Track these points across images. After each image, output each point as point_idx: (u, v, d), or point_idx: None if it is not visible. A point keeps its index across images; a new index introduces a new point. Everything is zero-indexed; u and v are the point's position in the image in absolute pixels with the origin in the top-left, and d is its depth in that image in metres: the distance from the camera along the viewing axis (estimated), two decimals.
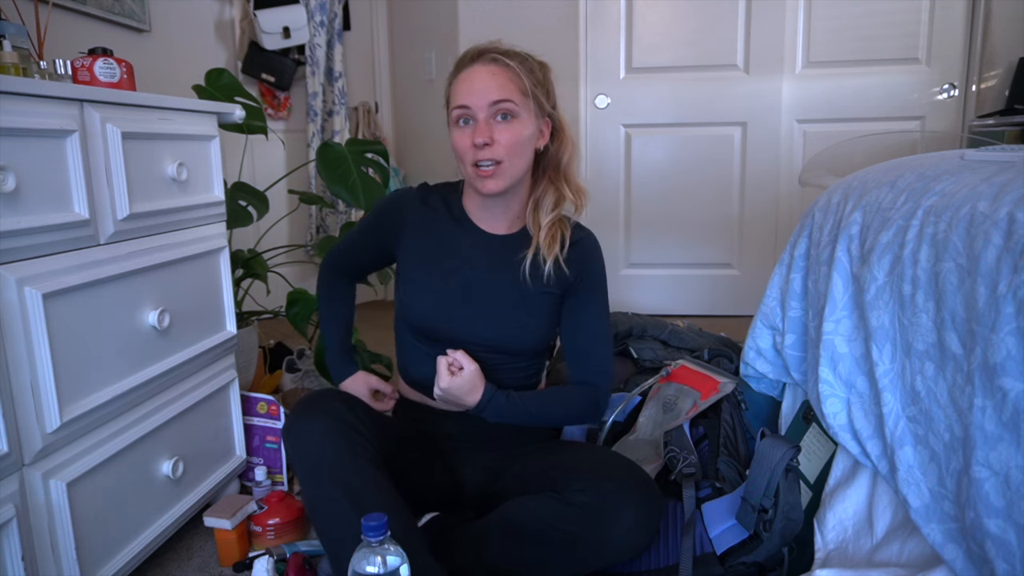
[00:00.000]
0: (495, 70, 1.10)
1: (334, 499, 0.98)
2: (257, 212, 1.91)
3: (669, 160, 2.90)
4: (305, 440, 1.03)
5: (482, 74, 1.10)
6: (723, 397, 1.39)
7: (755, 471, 1.11)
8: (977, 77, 2.63)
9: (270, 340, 2.34)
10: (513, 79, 1.10)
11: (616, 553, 1.04)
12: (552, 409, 1.20)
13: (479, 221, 1.21)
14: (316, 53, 3.01)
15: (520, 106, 1.10)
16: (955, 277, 0.82)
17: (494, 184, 1.11)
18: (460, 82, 1.12)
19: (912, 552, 0.91)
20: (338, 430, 1.02)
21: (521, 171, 1.14)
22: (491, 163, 1.09)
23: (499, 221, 1.21)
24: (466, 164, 1.11)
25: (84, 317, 1.04)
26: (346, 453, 1.01)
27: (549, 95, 1.17)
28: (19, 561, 0.93)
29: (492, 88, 1.09)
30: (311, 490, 1.01)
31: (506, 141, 1.09)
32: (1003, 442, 0.73)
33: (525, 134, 1.11)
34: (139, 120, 1.16)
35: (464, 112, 1.10)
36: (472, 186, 1.15)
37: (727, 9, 2.75)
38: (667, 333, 1.73)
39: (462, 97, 1.10)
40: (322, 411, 1.05)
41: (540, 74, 1.16)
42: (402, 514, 1.00)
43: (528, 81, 1.11)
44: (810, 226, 1.21)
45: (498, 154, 1.09)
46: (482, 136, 1.08)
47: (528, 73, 1.12)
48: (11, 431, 0.92)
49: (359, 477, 1.00)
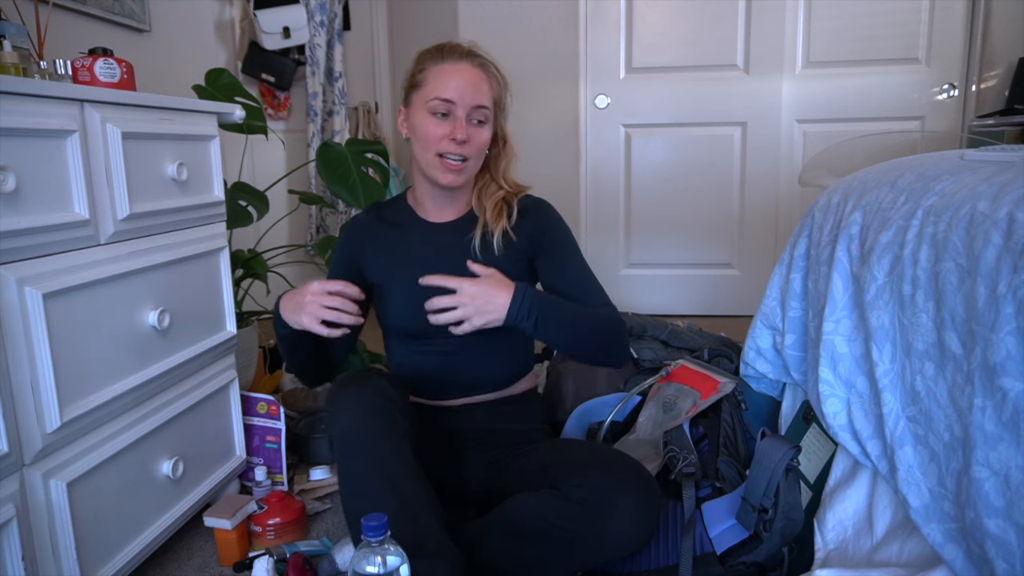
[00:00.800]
0: (482, 75, 1.18)
1: (370, 476, 0.99)
2: (257, 212, 1.91)
3: (669, 160, 2.90)
4: (348, 413, 1.03)
5: (472, 75, 1.17)
6: (723, 397, 1.39)
7: (755, 471, 1.11)
8: (977, 77, 2.63)
9: (270, 340, 2.34)
10: (493, 87, 1.20)
11: (616, 548, 1.04)
12: (586, 316, 1.19)
13: (426, 213, 1.29)
14: (316, 53, 3.01)
15: (491, 114, 1.20)
16: (955, 277, 0.82)
17: (455, 178, 1.19)
18: (446, 74, 1.16)
19: (912, 552, 0.91)
20: (381, 407, 1.04)
21: (476, 169, 1.24)
22: (460, 159, 1.17)
23: (447, 209, 1.28)
24: (429, 152, 1.17)
25: (84, 317, 1.04)
26: (386, 430, 1.02)
27: (505, 108, 1.27)
28: (19, 561, 0.93)
29: (479, 92, 1.17)
30: (348, 463, 1.02)
31: (477, 142, 1.18)
32: (1003, 442, 0.73)
33: (488, 139, 1.21)
34: (139, 120, 1.16)
35: (447, 106, 1.15)
36: (429, 175, 1.20)
37: (727, 9, 2.75)
38: (667, 333, 1.73)
39: (448, 91, 1.15)
40: (368, 386, 1.06)
41: (505, 88, 1.25)
42: (431, 498, 1.02)
43: (500, 93, 1.22)
44: (810, 226, 1.21)
45: (469, 152, 1.18)
46: (463, 134, 1.15)
47: (500, 87, 1.22)
48: (11, 431, 0.92)
49: (396, 456, 1.01)
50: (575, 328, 1.17)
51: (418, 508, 0.99)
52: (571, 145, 2.92)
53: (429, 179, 1.21)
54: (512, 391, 1.29)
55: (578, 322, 1.17)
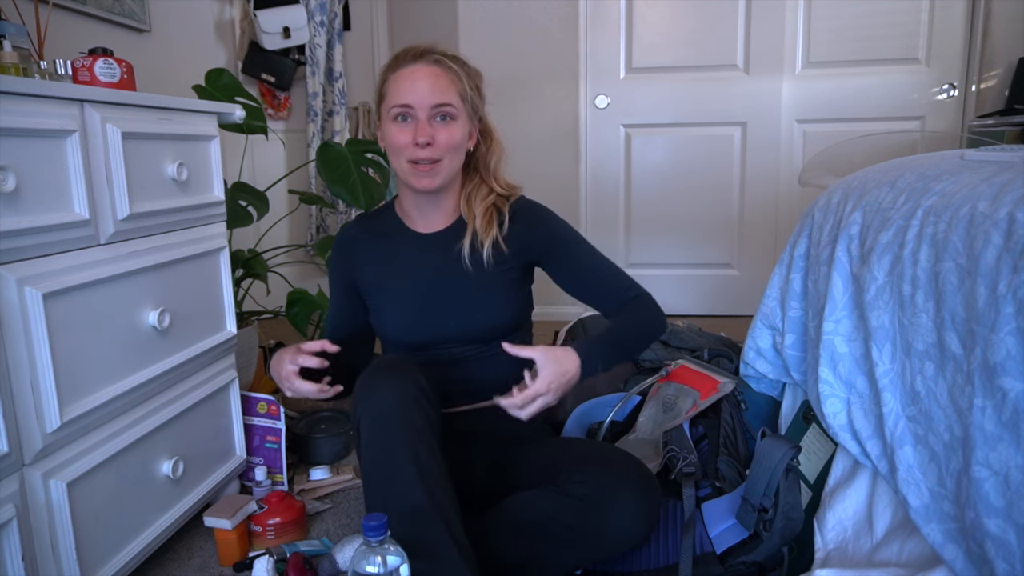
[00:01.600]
0: (438, 72, 1.14)
1: (401, 462, 0.99)
2: (257, 212, 1.91)
3: (669, 160, 2.90)
4: (385, 397, 1.02)
5: (425, 74, 1.13)
6: (723, 397, 1.39)
7: (755, 471, 1.11)
8: (977, 77, 2.63)
9: (270, 340, 2.34)
10: (454, 82, 1.15)
11: (616, 544, 1.04)
12: (630, 326, 1.20)
13: (415, 223, 1.25)
14: (316, 53, 3.01)
15: (458, 109, 1.15)
16: (955, 277, 0.82)
17: (430, 181, 1.15)
18: (401, 79, 1.14)
19: (912, 552, 0.91)
20: (416, 397, 1.03)
21: (455, 169, 1.19)
22: (429, 161, 1.14)
23: (434, 217, 1.24)
24: (401, 159, 1.15)
25: (84, 317, 1.04)
26: (421, 421, 1.02)
27: (481, 99, 1.22)
28: (19, 561, 0.93)
29: (435, 90, 1.13)
30: (379, 445, 1.01)
31: (445, 141, 1.14)
32: (1003, 442, 0.73)
33: (461, 135, 1.16)
34: (139, 120, 1.16)
35: (405, 110, 1.13)
36: (406, 183, 1.18)
37: (727, 9, 2.75)
38: (667, 333, 1.73)
39: (405, 95, 1.13)
40: (406, 375, 1.05)
41: (476, 79, 1.20)
42: (454, 495, 1.03)
43: (467, 85, 1.16)
44: (810, 226, 1.21)
45: (437, 153, 1.14)
46: (424, 136, 1.11)
47: (467, 78, 1.17)
48: (11, 431, 0.92)
49: (427, 447, 1.01)
50: (629, 344, 1.19)
51: (445, 504, 0.99)
52: (571, 145, 2.92)
53: (409, 187, 1.19)
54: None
55: (628, 338, 1.19)
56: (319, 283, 2.58)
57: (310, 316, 1.89)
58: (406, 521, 0.96)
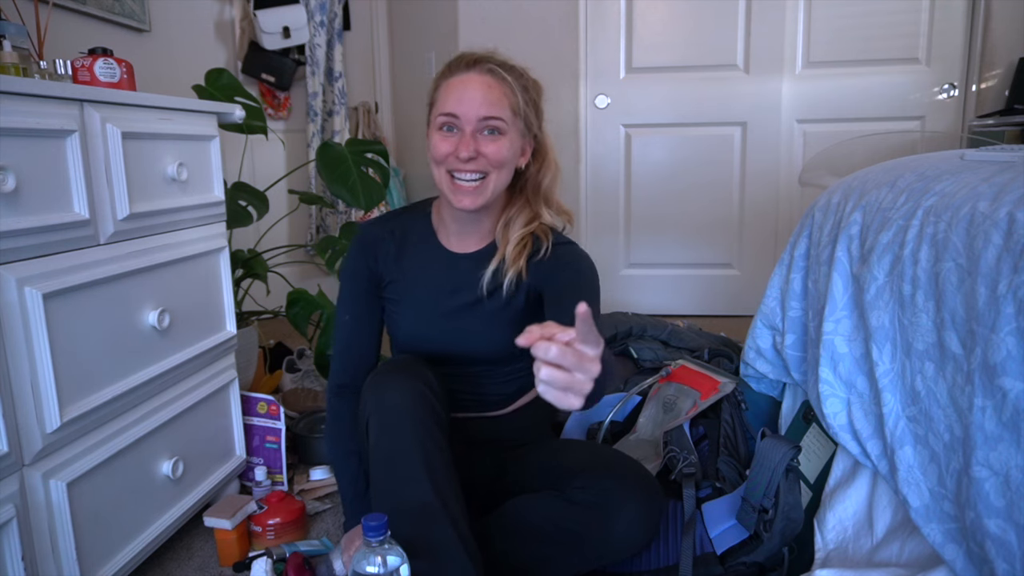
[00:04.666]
0: (491, 83, 1.06)
1: (411, 459, 0.98)
2: (257, 212, 1.91)
3: (669, 160, 2.90)
4: (397, 394, 1.01)
5: (477, 84, 1.06)
6: (723, 397, 1.39)
7: (755, 471, 1.11)
8: (977, 77, 2.63)
9: (270, 340, 2.34)
10: (507, 95, 1.07)
11: (617, 551, 1.04)
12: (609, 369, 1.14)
13: (448, 238, 1.19)
14: (316, 53, 3.01)
15: (509, 124, 1.07)
16: (955, 277, 0.82)
17: (472, 200, 1.07)
18: (452, 87, 1.07)
19: (912, 552, 0.91)
20: (426, 396, 1.02)
21: (501, 188, 1.11)
22: (476, 177, 1.07)
23: (469, 238, 1.18)
24: (442, 170, 1.08)
25: (84, 317, 1.04)
26: (431, 420, 1.01)
27: (538, 115, 1.13)
28: (19, 561, 0.93)
29: (485, 102, 1.05)
30: (389, 443, 1.00)
31: (492, 155, 1.06)
32: (1003, 442, 0.73)
33: (509, 151, 1.08)
34: (139, 120, 1.16)
35: (451, 120, 1.06)
36: (445, 197, 1.11)
37: (727, 9, 2.75)
38: (667, 333, 1.73)
39: (452, 104, 1.06)
40: (417, 374, 1.04)
41: (533, 93, 1.12)
42: (461, 495, 1.02)
43: (521, 99, 1.08)
44: (810, 226, 1.21)
45: (483, 166, 1.06)
46: (467, 150, 1.04)
47: (522, 91, 1.09)
48: (11, 431, 0.92)
49: (437, 447, 1.00)
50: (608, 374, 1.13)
51: (453, 504, 0.99)
52: (571, 145, 2.92)
53: (449, 203, 1.11)
54: (517, 405, 1.29)
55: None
56: (319, 283, 2.58)
57: (310, 316, 1.88)
58: (415, 520, 0.96)
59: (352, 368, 1.20)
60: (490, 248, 1.18)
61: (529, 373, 1.31)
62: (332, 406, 1.22)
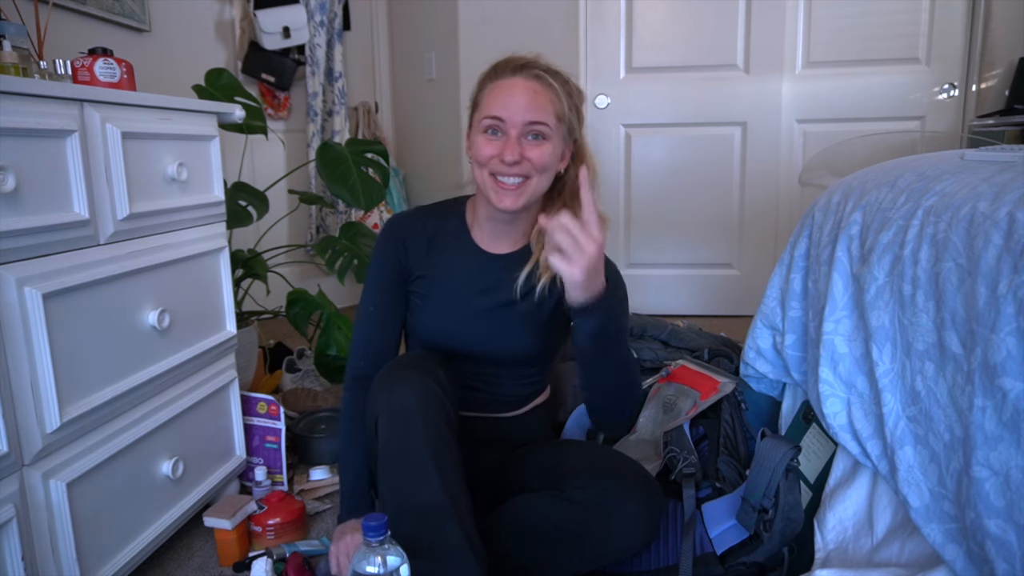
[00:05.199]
0: (537, 88, 1.08)
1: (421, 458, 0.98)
2: (257, 212, 1.91)
3: (669, 160, 2.90)
4: (409, 393, 1.01)
5: (524, 89, 1.07)
6: (723, 397, 1.39)
7: (755, 471, 1.11)
8: (977, 77, 2.63)
9: (270, 340, 2.34)
10: (553, 101, 1.08)
11: (617, 551, 1.04)
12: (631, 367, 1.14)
13: (482, 238, 1.20)
14: (316, 53, 3.01)
15: (553, 129, 1.08)
16: (955, 277, 0.82)
17: (513, 201, 1.08)
18: (498, 91, 1.09)
19: (912, 552, 0.91)
20: (438, 396, 1.02)
21: (541, 191, 1.12)
22: (518, 179, 1.08)
23: (503, 239, 1.19)
24: (484, 172, 1.09)
25: (84, 317, 1.04)
26: (441, 419, 1.01)
27: (580, 121, 1.15)
28: (19, 561, 0.93)
29: (531, 107, 1.06)
30: (399, 441, 1.00)
31: (536, 159, 1.07)
32: (1003, 442, 0.73)
33: (552, 156, 1.09)
34: (139, 120, 1.16)
35: (496, 123, 1.07)
36: (485, 196, 1.11)
37: (727, 9, 2.75)
38: (667, 333, 1.73)
39: (498, 108, 1.07)
40: (429, 373, 1.04)
41: (576, 99, 1.13)
42: (468, 494, 1.02)
43: (565, 105, 1.10)
44: (810, 226, 1.21)
45: (527, 170, 1.08)
46: (512, 154, 1.05)
47: (567, 97, 1.10)
48: (11, 431, 0.92)
49: (446, 447, 1.00)
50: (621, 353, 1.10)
51: (461, 503, 0.99)
52: None
53: (489, 202, 1.12)
54: (526, 408, 1.29)
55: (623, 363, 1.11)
56: (319, 283, 2.58)
57: (310, 316, 1.88)
58: (422, 517, 0.96)
59: (373, 360, 1.19)
60: (524, 251, 1.18)
61: (541, 377, 1.30)
62: (347, 399, 1.21)
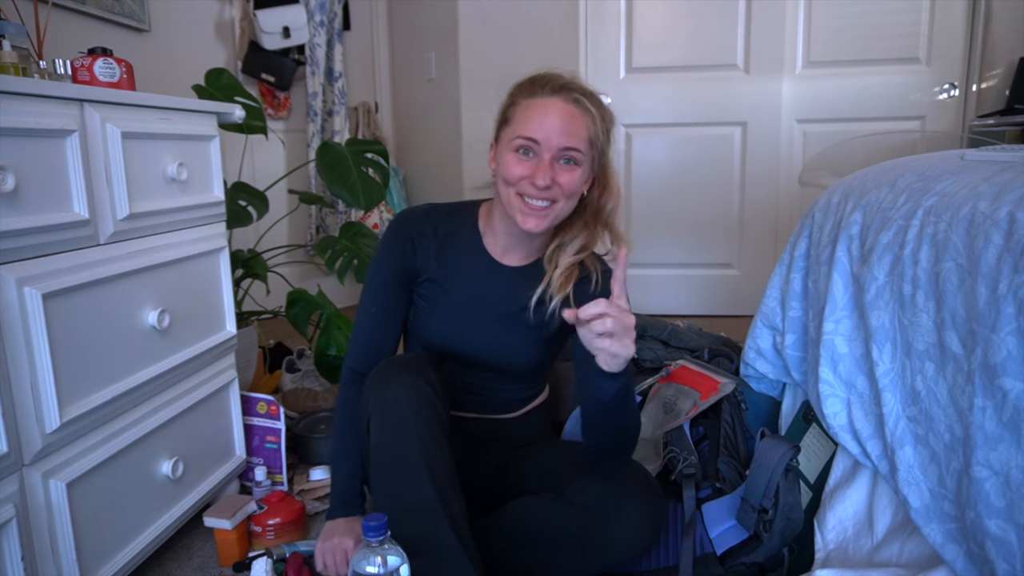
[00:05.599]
0: (575, 112, 1.05)
1: (413, 458, 0.98)
2: (257, 212, 1.91)
3: (669, 160, 2.90)
4: (401, 393, 1.01)
5: (562, 112, 1.04)
6: (723, 397, 1.39)
7: (755, 471, 1.11)
8: (977, 77, 2.63)
9: (270, 340, 2.34)
10: (588, 126, 1.06)
11: (617, 555, 1.04)
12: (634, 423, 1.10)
13: (495, 247, 1.18)
14: (316, 53, 3.01)
15: (585, 155, 1.07)
16: (955, 277, 0.82)
17: (537, 224, 1.06)
18: (534, 110, 1.05)
19: (912, 552, 0.91)
20: (429, 396, 1.02)
21: (566, 215, 1.10)
22: (546, 203, 1.06)
23: (515, 252, 1.17)
24: (511, 191, 1.07)
25: (84, 317, 1.04)
26: (433, 420, 1.01)
27: (610, 143, 1.12)
28: (19, 561, 0.93)
29: (567, 132, 1.04)
30: (391, 442, 1.00)
31: (566, 184, 1.05)
32: (1003, 442, 0.73)
33: (581, 181, 1.08)
34: (139, 120, 1.16)
35: (529, 144, 1.04)
36: (509, 214, 1.09)
37: (727, 9, 2.75)
38: (667, 333, 1.73)
39: (533, 130, 1.04)
40: (420, 374, 1.04)
41: (609, 122, 1.11)
42: (461, 495, 1.02)
43: (600, 129, 1.08)
44: (810, 226, 1.21)
45: (556, 195, 1.06)
46: (544, 179, 1.03)
47: (601, 121, 1.08)
48: (11, 431, 0.92)
49: (438, 447, 1.00)
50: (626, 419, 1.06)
51: (454, 504, 0.99)
52: None
53: (513, 220, 1.09)
54: (524, 409, 1.29)
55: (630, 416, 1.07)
56: (319, 283, 2.58)
57: (310, 316, 1.88)
58: (415, 519, 0.96)
59: (372, 358, 1.18)
60: (535, 265, 1.17)
61: (539, 381, 1.30)
62: (343, 393, 1.20)
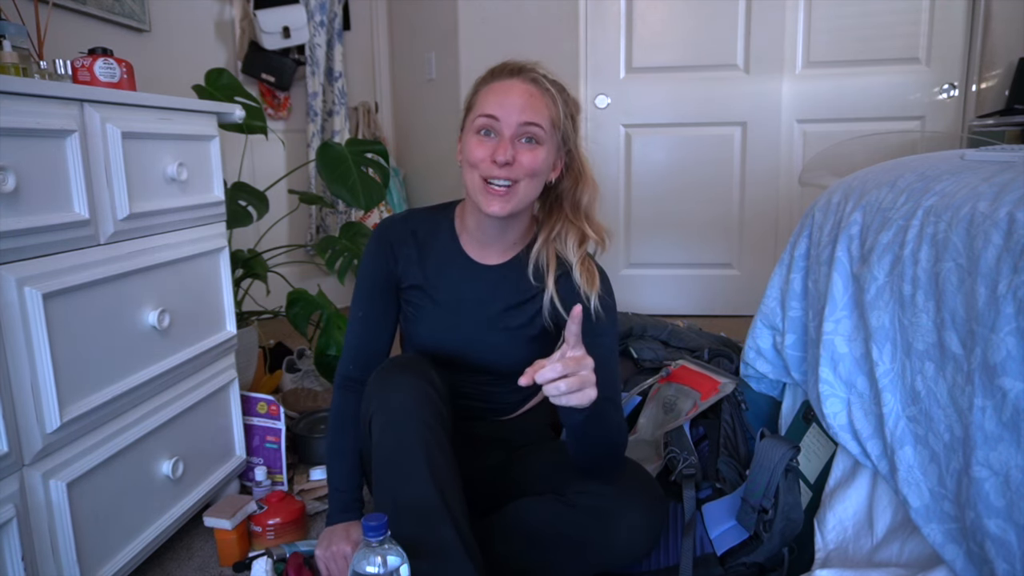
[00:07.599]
0: (533, 91, 1.06)
1: (415, 458, 0.98)
2: (257, 212, 1.91)
3: (669, 160, 2.90)
4: (402, 394, 1.01)
5: (520, 91, 1.06)
6: (723, 397, 1.39)
7: (755, 471, 1.11)
8: (977, 77, 2.63)
9: (270, 340, 2.34)
10: (548, 106, 1.07)
11: (620, 556, 1.04)
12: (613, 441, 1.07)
13: (471, 247, 1.18)
14: (316, 53, 3.01)
15: (547, 134, 1.06)
16: (955, 277, 0.82)
17: (501, 207, 1.05)
18: (493, 91, 1.07)
19: (912, 552, 0.91)
20: (431, 397, 1.02)
21: (530, 199, 1.10)
22: (507, 183, 1.05)
23: (492, 249, 1.17)
24: (475, 175, 1.07)
25: (84, 317, 1.04)
26: (435, 421, 1.01)
27: (575, 131, 1.13)
28: (19, 561, 0.93)
29: (527, 108, 1.04)
30: (394, 442, 1.00)
31: (527, 163, 1.05)
32: (1003, 442, 0.73)
33: (544, 162, 1.07)
34: (139, 120, 1.16)
35: (490, 123, 1.05)
36: (475, 200, 1.08)
37: (727, 9, 2.75)
38: (667, 333, 1.73)
39: (493, 107, 1.05)
40: (422, 375, 1.04)
41: (572, 108, 1.12)
42: (463, 496, 1.01)
43: (561, 112, 1.09)
44: (810, 226, 1.21)
45: (516, 174, 1.05)
46: (504, 154, 1.02)
47: (563, 104, 1.09)
48: (11, 431, 0.92)
49: (440, 448, 1.00)
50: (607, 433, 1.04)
51: (455, 504, 0.99)
52: None
53: (478, 208, 1.09)
54: (521, 410, 1.29)
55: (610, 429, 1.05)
56: (319, 283, 2.58)
57: (310, 316, 1.88)
58: (416, 519, 0.96)
59: (363, 364, 1.18)
60: (514, 262, 1.17)
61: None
62: (337, 399, 1.20)
